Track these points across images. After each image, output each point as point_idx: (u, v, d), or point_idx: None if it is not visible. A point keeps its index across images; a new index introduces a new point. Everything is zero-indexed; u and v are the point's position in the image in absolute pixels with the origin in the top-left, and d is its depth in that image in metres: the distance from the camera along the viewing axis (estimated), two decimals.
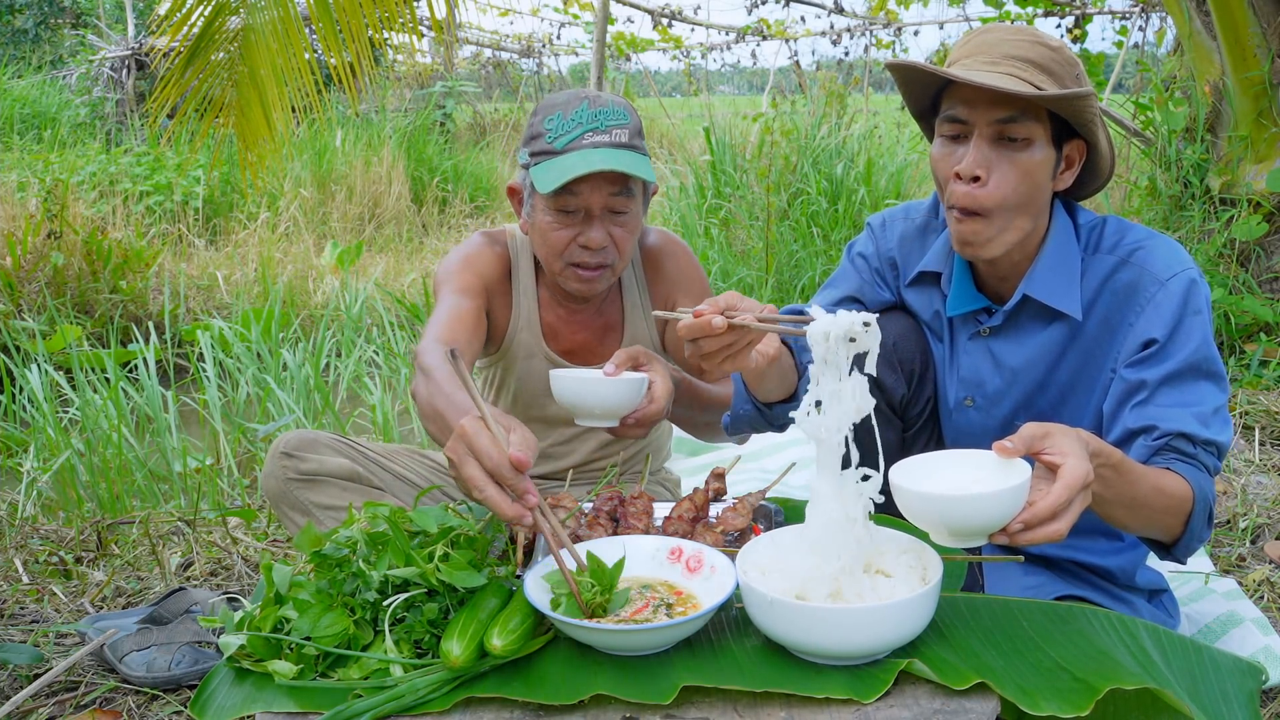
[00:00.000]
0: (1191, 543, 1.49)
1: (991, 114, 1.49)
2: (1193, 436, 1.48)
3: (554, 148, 1.82)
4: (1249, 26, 3.79)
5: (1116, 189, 4.85)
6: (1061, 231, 1.61)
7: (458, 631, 1.23)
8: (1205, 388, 1.51)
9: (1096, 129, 1.53)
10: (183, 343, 4.97)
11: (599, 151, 1.80)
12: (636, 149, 1.85)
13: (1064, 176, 1.58)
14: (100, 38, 11.41)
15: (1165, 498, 1.43)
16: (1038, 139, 1.51)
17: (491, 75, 12.96)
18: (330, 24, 3.05)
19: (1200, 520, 1.47)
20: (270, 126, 3.31)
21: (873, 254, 1.81)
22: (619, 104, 1.86)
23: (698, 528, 1.57)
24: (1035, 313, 1.63)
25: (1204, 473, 1.48)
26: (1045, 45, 1.52)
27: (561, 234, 1.87)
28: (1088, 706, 1.11)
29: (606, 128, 1.82)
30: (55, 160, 7.45)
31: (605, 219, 1.86)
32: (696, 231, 5.82)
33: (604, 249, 1.87)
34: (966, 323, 1.71)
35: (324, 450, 1.92)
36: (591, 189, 1.82)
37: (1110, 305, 1.58)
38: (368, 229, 7.77)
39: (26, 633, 2.16)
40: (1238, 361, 3.67)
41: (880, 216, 1.84)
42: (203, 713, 1.21)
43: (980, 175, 1.51)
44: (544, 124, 1.84)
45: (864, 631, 1.18)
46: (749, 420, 1.77)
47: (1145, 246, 1.58)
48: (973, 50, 1.55)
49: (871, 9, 9.60)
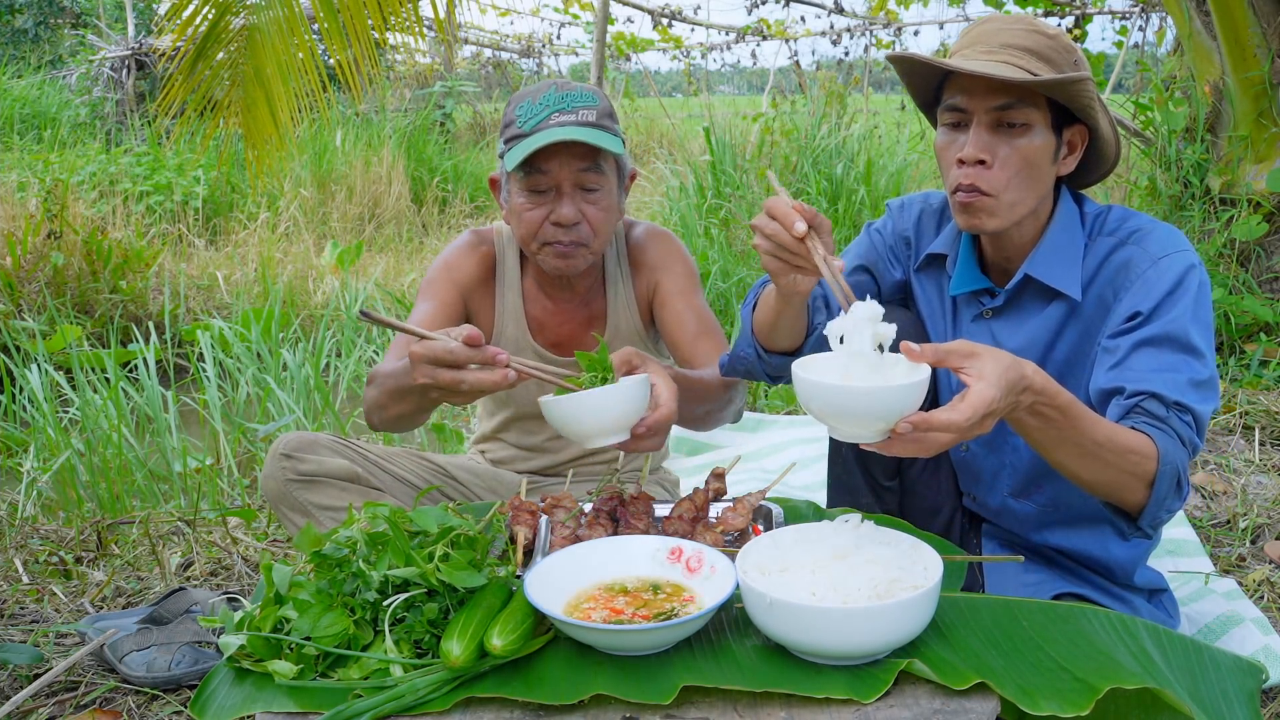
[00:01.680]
0: (1159, 512, 1.45)
1: (989, 101, 1.53)
2: (1162, 397, 1.45)
3: (523, 130, 1.85)
4: (1249, 26, 3.79)
5: (1117, 189, 4.85)
6: (1066, 216, 1.64)
7: (458, 631, 1.23)
8: (1182, 359, 1.49)
9: (1096, 113, 1.55)
10: (183, 343, 4.96)
11: (564, 128, 1.83)
12: (605, 128, 1.87)
13: (1067, 161, 1.60)
14: (100, 38, 11.41)
15: (1122, 452, 1.39)
16: (1036, 124, 1.54)
17: (491, 75, 12.97)
18: (335, 22, 3.05)
19: (1167, 485, 1.42)
20: (276, 124, 3.32)
21: (890, 231, 1.84)
22: (588, 89, 1.90)
23: (697, 528, 1.57)
24: (1036, 293, 1.65)
25: (1174, 439, 1.44)
26: (1042, 33, 1.55)
27: (534, 213, 1.89)
28: (1088, 706, 1.12)
29: (574, 108, 1.85)
30: (55, 160, 7.45)
31: (576, 196, 1.88)
32: (696, 231, 5.82)
33: (577, 225, 1.89)
34: (970, 304, 1.73)
35: (323, 451, 1.92)
36: (560, 165, 1.85)
37: (1105, 282, 1.60)
38: (368, 229, 7.77)
39: (26, 633, 2.16)
40: (1238, 361, 3.67)
41: (900, 200, 1.88)
42: (203, 713, 1.21)
43: (985, 159, 1.55)
44: (515, 111, 1.89)
45: (864, 631, 1.18)
46: (747, 365, 1.76)
47: (1145, 229, 1.60)
48: (972, 40, 1.59)
49: (871, 9, 9.60)
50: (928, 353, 1.27)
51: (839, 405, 1.24)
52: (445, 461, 2.19)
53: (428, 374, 1.47)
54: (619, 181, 1.95)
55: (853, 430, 1.26)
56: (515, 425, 2.20)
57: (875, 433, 1.25)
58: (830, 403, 1.25)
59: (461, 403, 1.70)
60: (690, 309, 2.03)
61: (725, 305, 4.96)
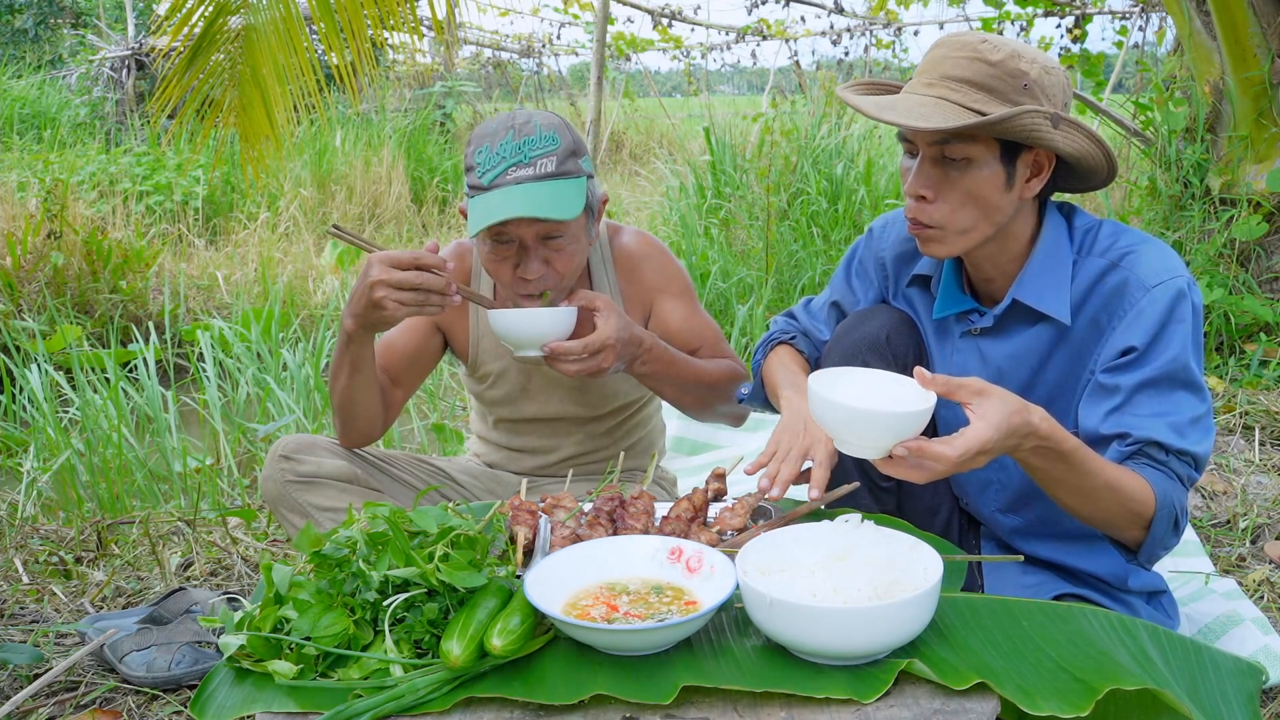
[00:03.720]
0: (1155, 549, 1.51)
1: (928, 136, 1.51)
2: (1166, 445, 1.48)
3: (482, 184, 1.81)
4: (1249, 26, 3.79)
5: (1117, 189, 4.85)
6: (1053, 234, 1.60)
7: (457, 631, 1.23)
8: (1182, 397, 1.50)
9: (1048, 139, 1.49)
10: (183, 343, 4.96)
11: (521, 189, 1.78)
12: (565, 174, 1.82)
13: (1031, 184, 1.55)
14: (100, 38, 11.41)
15: (1122, 497, 1.44)
16: (979, 157, 1.50)
17: (491, 75, 12.95)
18: (331, 23, 3.05)
19: (1163, 526, 1.48)
20: (273, 125, 3.32)
21: (868, 258, 1.85)
22: (549, 127, 1.83)
23: (693, 527, 1.57)
24: (1024, 316, 1.62)
25: (1174, 480, 1.49)
26: (984, 61, 1.48)
27: (501, 266, 1.87)
28: (1087, 707, 1.12)
29: (531, 159, 1.80)
30: (55, 160, 7.45)
31: (540, 248, 1.84)
32: (696, 231, 5.82)
33: (541, 278, 1.86)
34: (959, 321, 1.71)
35: (322, 453, 1.93)
36: (519, 225, 1.80)
37: (1098, 307, 1.57)
38: (368, 229, 7.77)
39: (26, 633, 2.16)
40: (1238, 361, 3.67)
41: (884, 219, 1.86)
42: (203, 713, 1.21)
43: (926, 195, 1.54)
44: (475, 156, 1.83)
45: (864, 631, 1.18)
46: (761, 406, 1.91)
47: (1137, 251, 1.56)
48: (922, 68, 1.56)
49: (871, 9, 9.59)
50: (938, 383, 1.33)
51: (845, 423, 1.33)
52: (444, 463, 2.20)
53: (382, 271, 1.68)
54: (589, 216, 1.90)
55: (857, 446, 1.35)
56: (502, 425, 2.21)
57: (877, 450, 1.34)
58: (837, 420, 1.34)
59: (402, 311, 1.73)
60: (690, 329, 2.07)
61: (725, 305, 4.96)
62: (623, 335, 1.81)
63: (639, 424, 2.22)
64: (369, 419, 1.96)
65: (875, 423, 1.31)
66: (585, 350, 1.78)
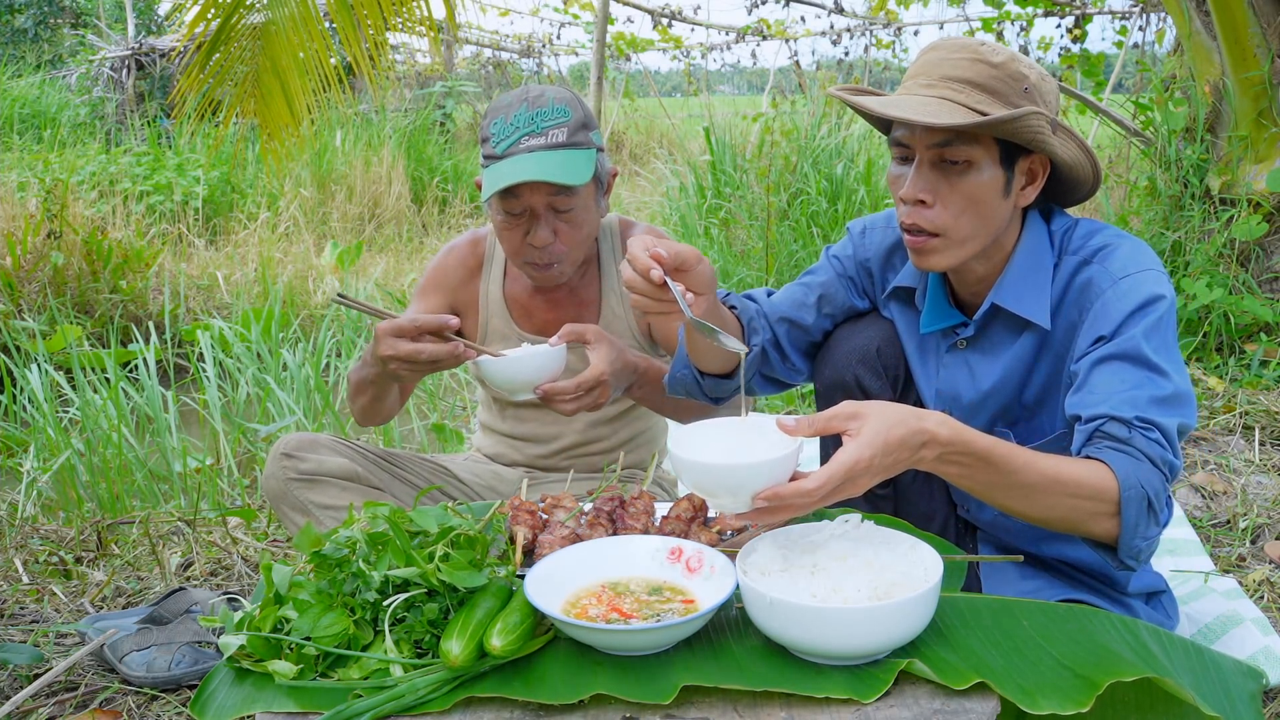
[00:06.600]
0: (1133, 540, 1.36)
1: (929, 138, 1.47)
2: (1121, 419, 1.39)
3: (496, 153, 1.89)
4: (1249, 26, 3.79)
5: (1117, 189, 4.85)
6: (1032, 239, 1.58)
7: (457, 631, 1.23)
8: (1141, 374, 1.43)
9: (1048, 144, 1.48)
10: (183, 343, 4.96)
11: (533, 156, 1.85)
12: (576, 145, 1.88)
13: (1026, 192, 1.54)
14: (100, 38, 11.41)
15: (1069, 488, 1.34)
16: (980, 160, 1.48)
17: (491, 75, 12.95)
18: (348, 17, 3.12)
19: (1135, 511, 1.34)
20: (294, 113, 3.38)
21: (849, 258, 1.79)
22: (560, 100, 1.90)
23: (693, 527, 1.57)
24: (1006, 322, 1.60)
25: (1140, 460, 1.36)
26: (986, 63, 1.47)
27: (512, 234, 1.94)
28: (1088, 702, 1.11)
29: (543, 129, 1.87)
30: (55, 160, 7.45)
31: (550, 217, 1.91)
32: (696, 231, 5.83)
33: (550, 246, 1.92)
34: (945, 335, 1.69)
35: (323, 451, 1.93)
36: (531, 191, 1.87)
37: (1070, 304, 1.55)
38: (368, 229, 7.77)
39: (26, 633, 2.16)
40: (1238, 361, 3.67)
41: (861, 223, 1.82)
42: (203, 713, 1.21)
43: (925, 199, 1.50)
44: (490, 128, 1.91)
45: (864, 631, 1.18)
46: (686, 385, 1.77)
47: (1110, 246, 1.54)
48: (917, 70, 1.54)
49: (871, 9, 9.60)
50: (804, 426, 1.28)
51: (701, 480, 1.28)
52: (445, 461, 2.20)
53: (390, 346, 1.72)
54: (598, 188, 1.97)
55: (721, 502, 1.30)
56: (509, 412, 2.24)
57: (743, 503, 1.27)
58: (696, 478, 1.29)
59: (419, 375, 1.81)
60: None
61: None
62: (615, 366, 1.82)
63: (642, 414, 2.23)
64: (389, 411, 2.07)
65: (733, 476, 1.25)
66: (580, 389, 1.79)
